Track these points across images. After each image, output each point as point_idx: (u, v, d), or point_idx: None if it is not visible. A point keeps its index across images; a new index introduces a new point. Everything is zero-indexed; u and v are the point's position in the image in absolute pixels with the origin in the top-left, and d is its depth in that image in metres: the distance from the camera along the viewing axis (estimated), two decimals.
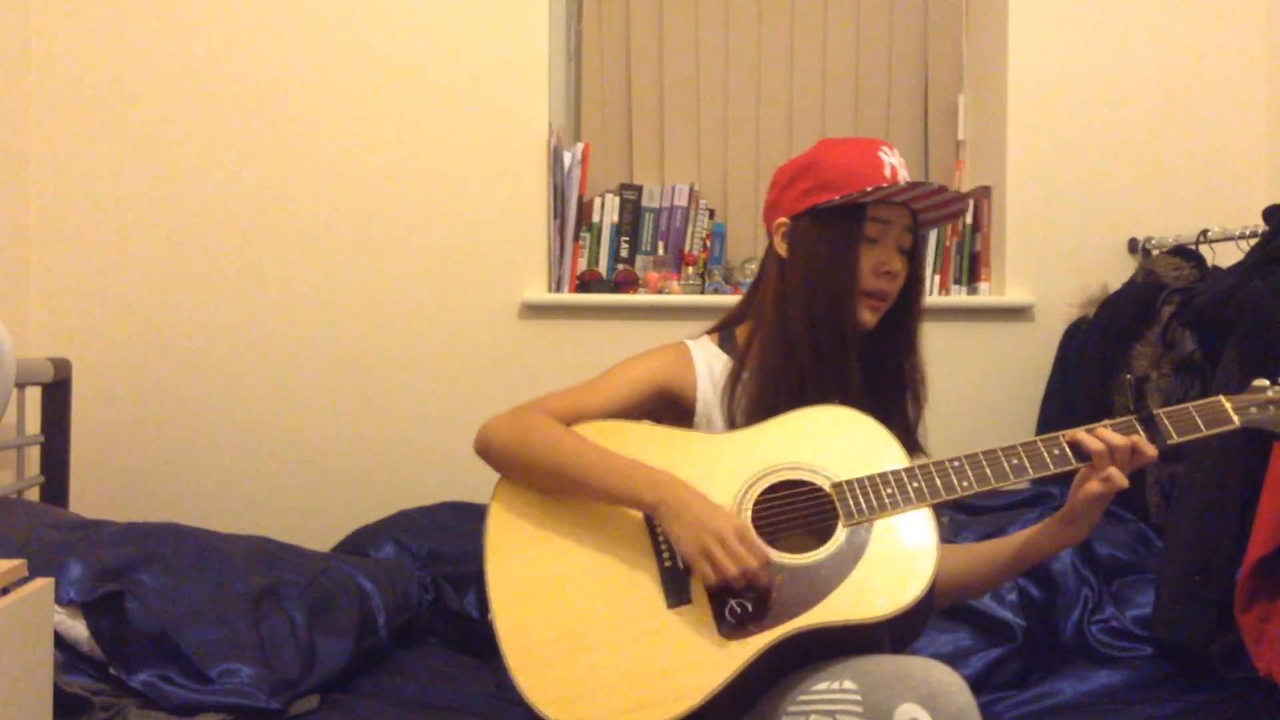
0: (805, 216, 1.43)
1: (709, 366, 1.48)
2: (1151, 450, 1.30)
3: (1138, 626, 1.96)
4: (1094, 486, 1.30)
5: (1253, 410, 1.33)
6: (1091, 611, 1.99)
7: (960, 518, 2.22)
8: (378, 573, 2.01)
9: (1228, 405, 1.33)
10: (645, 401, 1.47)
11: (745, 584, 1.25)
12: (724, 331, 1.53)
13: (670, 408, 1.49)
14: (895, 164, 1.42)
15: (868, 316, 1.43)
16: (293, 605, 1.79)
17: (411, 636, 2.06)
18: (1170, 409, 1.33)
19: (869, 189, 1.38)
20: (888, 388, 1.47)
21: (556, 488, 1.37)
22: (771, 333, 1.44)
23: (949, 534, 1.44)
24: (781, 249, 1.46)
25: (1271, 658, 1.64)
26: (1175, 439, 1.31)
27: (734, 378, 1.45)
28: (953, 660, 1.87)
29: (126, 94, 2.54)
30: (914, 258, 1.47)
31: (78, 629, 1.60)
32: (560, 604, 1.30)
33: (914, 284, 1.48)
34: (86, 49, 2.53)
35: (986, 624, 1.95)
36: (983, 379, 2.63)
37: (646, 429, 1.43)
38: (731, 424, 1.43)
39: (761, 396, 1.42)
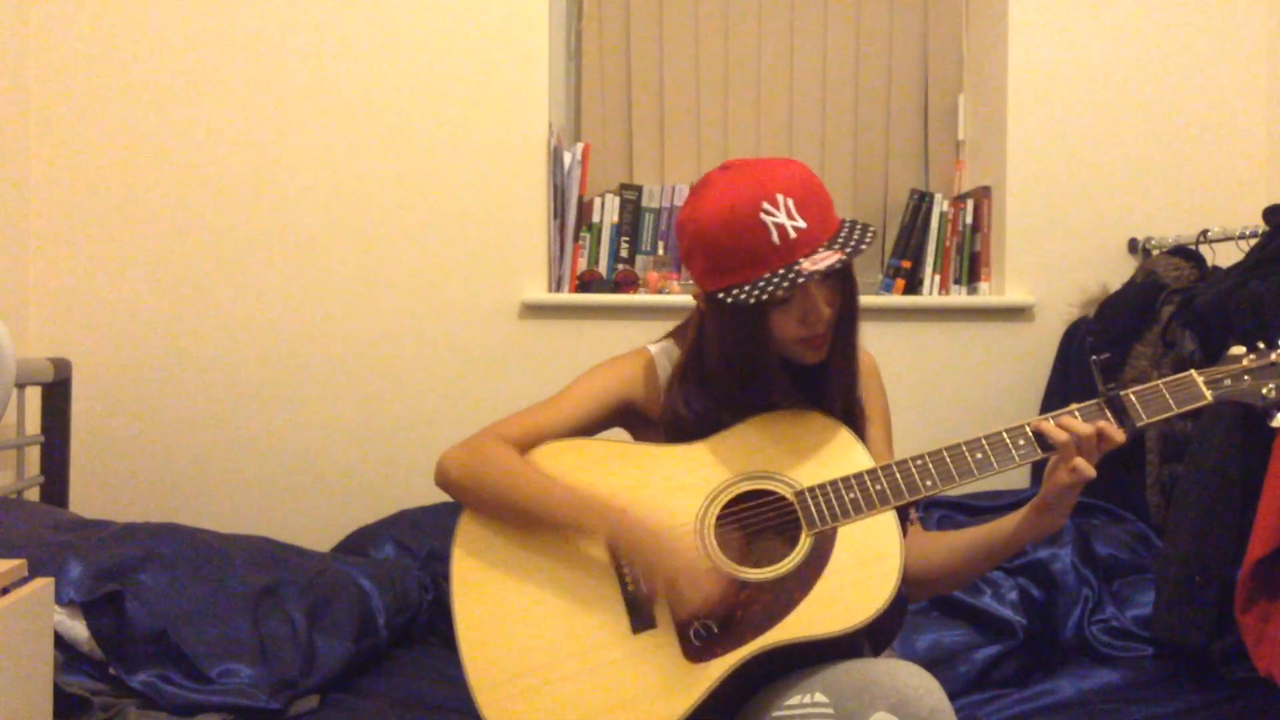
0: (713, 296, 1.32)
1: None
2: (1119, 435, 1.25)
3: (1138, 626, 1.96)
4: (1062, 477, 1.26)
5: (1226, 383, 1.27)
6: (1092, 611, 1.99)
7: (959, 518, 2.22)
8: (378, 573, 2.01)
9: (1199, 380, 1.27)
10: (608, 415, 1.45)
11: (695, 620, 1.25)
12: (683, 338, 1.47)
13: (634, 417, 1.47)
14: (781, 220, 1.26)
15: (810, 355, 1.35)
16: (293, 605, 1.79)
17: (411, 636, 2.06)
18: (1139, 388, 1.27)
19: (762, 298, 1.24)
20: (823, 400, 1.39)
21: (513, 519, 1.36)
22: (690, 365, 1.40)
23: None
24: (701, 304, 1.38)
25: (1271, 658, 1.63)
26: (1145, 420, 1.26)
27: (669, 388, 1.42)
28: (953, 657, 1.88)
29: (126, 94, 2.54)
30: (845, 275, 1.34)
31: (78, 629, 1.60)
32: (527, 637, 1.29)
33: (846, 303, 1.35)
34: (86, 49, 2.53)
35: (987, 622, 1.95)
36: (983, 379, 2.63)
37: (607, 446, 1.40)
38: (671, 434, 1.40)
39: (698, 420, 1.38)
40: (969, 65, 2.86)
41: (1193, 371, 1.29)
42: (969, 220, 2.70)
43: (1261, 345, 1.29)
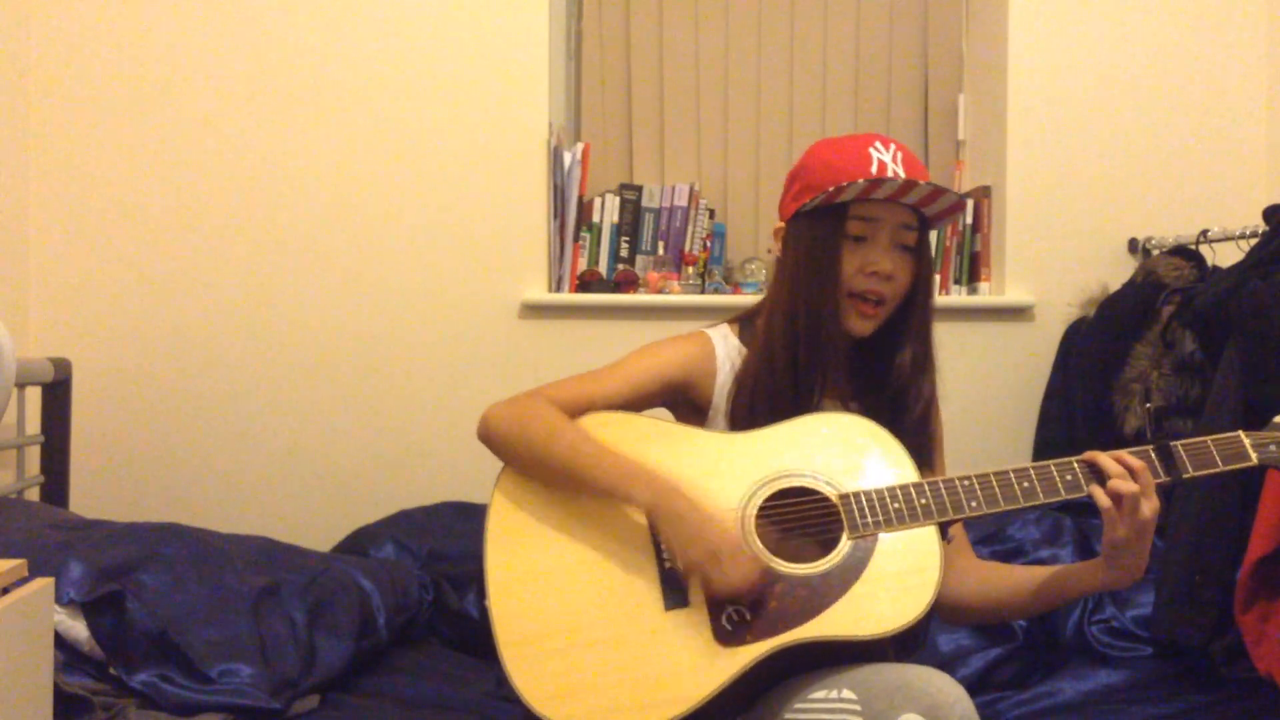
0: (795, 220, 1.40)
1: (731, 362, 1.45)
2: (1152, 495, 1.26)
3: (1138, 626, 1.96)
4: (1119, 531, 1.25)
5: (1272, 448, 1.31)
6: (1091, 611, 1.99)
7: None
8: (378, 573, 2.01)
9: (1246, 442, 1.31)
10: (657, 394, 1.44)
11: (729, 601, 1.24)
12: (745, 324, 1.49)
13: (683, 401, 1.46)
14: (886, 159, 1.35)
15: (857, 323, 1.39)
16: (293, 605, 1.79)
17: (411, 636, 2.06)
18: (1188, 441, 1.30)
19: (842, 185, 1.33)
20: (883, 403, 1.42)
21: (554, 480, 1.34)
22: (760, 337, 1.42)
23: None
24: (779, 253, 1.45)
25: (1271, 658, 1.64)
26: (1191, 473, 1.29)
27: (745, 362, 1.43)
28: (953, 659, 1.87)
29: (127, 94, 2.54)
30: (920, 257, 1.41)
31: (78, 629, 1.60)
32: (558, 598, 1.28)
33: (920, 286, 1.42)
34: (86, 49, 2.53)
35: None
36: (983, 379, 2.63)
37: (654, 424, 1.39)
38: (730, 422, 1.41)
39: (749, 402, 1.39)
40: (969, 65, 2.86)
41: (1240, 432, 1.32)
42: (969, 220, 2.70)
43: None
